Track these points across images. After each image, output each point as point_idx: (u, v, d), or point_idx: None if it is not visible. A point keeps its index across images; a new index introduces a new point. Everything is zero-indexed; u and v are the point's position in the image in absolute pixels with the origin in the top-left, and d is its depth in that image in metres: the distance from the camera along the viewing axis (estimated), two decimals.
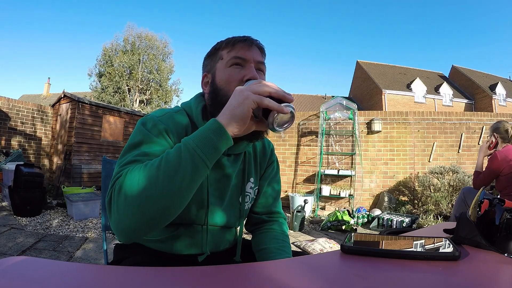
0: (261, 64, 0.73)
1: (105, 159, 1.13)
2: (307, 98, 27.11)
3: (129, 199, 0.52)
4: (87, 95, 15.49)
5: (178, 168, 0.52)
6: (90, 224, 3.49)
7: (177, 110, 0.74)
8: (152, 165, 0.54)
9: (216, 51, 0.74)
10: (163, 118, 0.69)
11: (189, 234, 0.74)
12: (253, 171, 0.83)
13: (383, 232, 0.66)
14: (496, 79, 25.25)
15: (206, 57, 0.78)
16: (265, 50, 0.76)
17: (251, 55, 0.71)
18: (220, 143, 0.54)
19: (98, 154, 6.19)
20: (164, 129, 0.66)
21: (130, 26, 21.56)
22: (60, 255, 2.43)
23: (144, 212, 0.52)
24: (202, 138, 0.53)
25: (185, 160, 0.52)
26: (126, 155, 0.62)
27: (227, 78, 0.70)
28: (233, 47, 0.71)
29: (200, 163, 0.53)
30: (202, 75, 0.78)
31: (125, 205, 0.53)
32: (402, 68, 26.94)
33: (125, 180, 0.54)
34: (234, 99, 0.55)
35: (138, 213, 0.52)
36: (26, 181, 3.61)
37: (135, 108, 17.03)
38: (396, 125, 5.08)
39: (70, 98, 6.08)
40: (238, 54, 0.70)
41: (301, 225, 3.73)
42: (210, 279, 0.38)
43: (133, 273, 0.39)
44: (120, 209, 0.53)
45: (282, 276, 0.41)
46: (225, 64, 0.71)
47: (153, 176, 0.52)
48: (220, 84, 0.71)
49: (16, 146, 5.74)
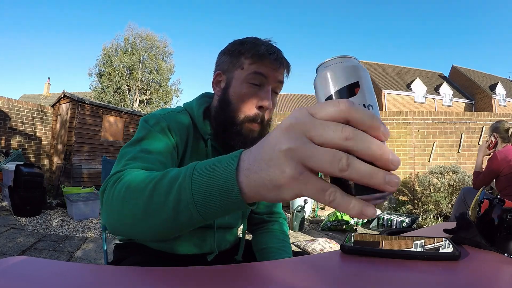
0: (280, 84, 0.70)
1: (105, 159, 1.13)
2: (307, 98, 27.10)
3: (114, 201, 0.46)
4: (87, 95, 15.48)
5: (164, 204, 0.38)
6: (90, 224, 3.49)
7: (180, 110, 0.74)
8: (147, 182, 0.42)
9: (239, 55, 0.69)
10: (166, 116, 0.68)
11: (191, 234, 0.74)
12: None
13: (383, 232, 0.66)
14: (496, 79, 25.25)
15: (224, 53, 0.73)
16: (291, 68, 0.71)
17: (275, 75, 0.68)
18: (227, 207, 0.34)
19: (98, 154, 6.19)
20: (166, 127, 0.66)
21: (130, 26, 21.66)
22: (60, 255, 2.43)
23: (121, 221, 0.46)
24: (207, 184, 0.34)
25: (174, 201, 0.37)
26: (129, 149, 0.60)
27: (241, 94, 0.67)
28: (258, 61, 0.66)
29: (186, 214, 0.36)
30: (214, 72, 0.74)
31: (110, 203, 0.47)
32: (402, 68, 26.95)
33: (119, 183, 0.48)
34: (269, 148, 0.28)
35: (117, 218, 0.46)
36: (26, 181, 3.61)
37: (135, 108, 17.02)
38: (396, 125, 5.08)
39: (70, 98, 6.08)
40: (261, 70, 0.66)
41: (301, 225, 3.73)
42: (210, 278, 0.38)
43: (133, 273, 0.39)
44: (107, 205, 0.48)
45: (282, 276, 0.41)
46: (244, 77, 0.67)
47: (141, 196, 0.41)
48: (233, 97, 0.68)
49: (16, 146, 5.74)
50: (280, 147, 0.26)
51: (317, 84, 0.32)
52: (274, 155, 0.27)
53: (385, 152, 0.24)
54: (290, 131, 0.26)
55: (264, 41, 0.70)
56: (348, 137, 0.24)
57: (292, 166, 0.26)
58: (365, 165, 0.24)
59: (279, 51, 0.69)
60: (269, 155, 0.27)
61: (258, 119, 0.69)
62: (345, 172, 0.24)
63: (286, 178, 0.26)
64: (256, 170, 0.29)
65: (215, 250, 0.74)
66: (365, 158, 0.24)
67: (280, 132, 0.27)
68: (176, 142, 0.67)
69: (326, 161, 0.24)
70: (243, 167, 0.30)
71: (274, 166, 0.27)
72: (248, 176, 0.30)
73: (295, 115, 0.27)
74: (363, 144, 0.24)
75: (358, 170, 0.24)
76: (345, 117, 0.25)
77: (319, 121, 0.25)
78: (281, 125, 0.27)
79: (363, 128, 0.25)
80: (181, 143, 0.68)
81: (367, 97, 0.29)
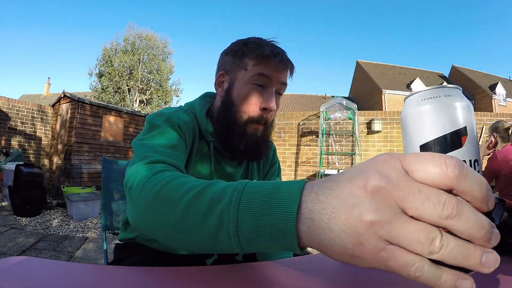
0: (284, 85, 0.70)
1: (105, 159, 1.13)
2: (307, 98, 27.12)
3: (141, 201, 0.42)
4: (87, 95, 15.51)
5: (200, 227, 0.33)
6: (90, 224, 3.49)
7: (184, 110, 0.73)
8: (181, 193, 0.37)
9: (243, 56, 0.67)
10: (174, 114, 0.68)
11: None
12: (256, 173, 0.83)
13: None
14: (496, 79, 25.26)
15: (226, 53, 0.71)
16: (294, 69, 0.70)
17: (279, 77, 0.67)
18: (275, 248, 0.29)
19: (98, 154, 6.19)
20: (177, 124, 0.65)
21: (130, 26, 21.67)
22: (60, 255, 2.43)
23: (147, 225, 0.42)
24: (257, 225, 0.28)
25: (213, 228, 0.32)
26: (146, 142, 0.57)
27: (244, 96, 0.67)
28: (262, 62, 0.65)
29: (225, 243, 0.31)
30: (217, 72, 0.73)
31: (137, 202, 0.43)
32: (402, 68, 26.96)
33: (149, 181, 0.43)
34: (346, 209, 0.22)
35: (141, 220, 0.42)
36: (26, 181, 3.61)
37: (135, 108, 17.02)
38: (396, 125, 5.08)
39: (70, 98, 6.08)
40: (265, 71, 0.65)
41: None
42: (210, 278, 0.38)
43: (133, 273, 0.39)
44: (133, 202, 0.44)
45: (282, 276, 0.41)
46: (248, 78, 0.66)
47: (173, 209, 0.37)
48: (236, 98, 0.68)
49: (16, 146, 5.74)
50: (363, 217, 0.21)
51: (409, 120, 0.25)
52: (352, 223, 0.21)
53: (486, 229, 0.20)
54: (379, 197, 0.21)
55: (268, 41, 0.69)
56: (450, 215, 0.20)
57: (374, 242, 0.21)
58: (460, 244, 0.20)
59: (283, 52, 0.68)
60: (346, 219, 0.21)
61: (262, 121, 0.68)
62: (435, 254, 0.20)
63: (363, 252, 0.21)
64: (323, 227, 0.23)
65: (215, 254, 0.74)
66: (463, 237, 0.20)
67: (364, 194, 0.21)
68: (186, 140, 0.66)
69: (417, 241, 0.20)
70: (305, 214, 0.24)
71: (351, 235, 0.21)
72: (310, 228, 0.24)
73: (386, 172, 0.21)
74: (466, 225, 0.20)
75: (451, 251, 0.20)
76: (451, 186, 0.20)
77: (417, 187, 0.20)
78: (368, 182, 0.21)
79: (468, 198, 0.21)
80: (189, 142, 0.68)
81: (474, 149, 0.23)
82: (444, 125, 0.22)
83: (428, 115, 0.23)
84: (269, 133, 0.73)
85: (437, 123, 0.23)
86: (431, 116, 0.23)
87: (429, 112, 0.23)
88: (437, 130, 0.23)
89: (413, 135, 0.24)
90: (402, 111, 0.25)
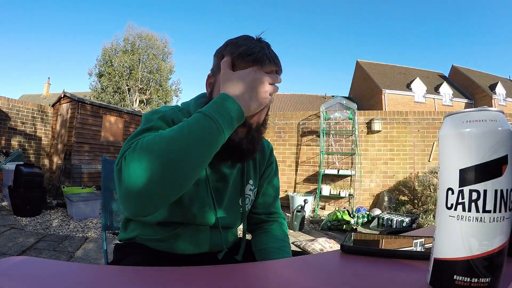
0: None
1: (105, 159, 1.13)
2: (307, 98, 27.11)
3: (150, 156, 0.50)
4: (87, 95, 15.48)
5: (201, 131, 0.53)
6: (90, 224, 3.49)
7: (180, 109, 0.74)
8: (172, 129, 0.53)
9: (222, 57, 0.65)
10: (170, 112, 0.69)
11: (191, 233, 0.74)
12: (252, 173, 0.83)
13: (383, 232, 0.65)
14: (496, 79, 25.25)
15: (214, 54, 0.71)
16: (280, 65, 0.66)
17: None
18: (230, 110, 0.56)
19: (98, 154, 6.19)
20: (171, 121, 0.66)
21: (130, 26, 21.64)
22: (60, 255, 2.43)
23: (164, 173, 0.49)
24: (214, 104, 0.57)
25: (202, 123, 0.54)
26: (135, 136, 0.59)
27: None
28: (237, 63, 0.63)
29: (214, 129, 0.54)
30: (209, 73, 0.73)
31: (144, 162, 0.49)
32: (402, 68, 26.94)
33: (144, 140, 0.52)
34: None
35: (156, 174, 0.49)
36: (26, 181, 3.61)
37: (135, 108, 17.01)
38: (396, 125, 5.08)
39: (70, 98, 6.08)
40: None
41: (301, 225, 3.74)
42: (210, 278, 0.38)
43: (133, 273, 0.40)
44: (136, 169, 0.49)
45: (282, 275, 0.41)
46: None
47: (175, 135, 0.52)
48: None
49: (16, 146, 5.74)
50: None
51: (450, 140, 0.24)
52: None
53: None
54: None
55: (248, 40, 0.66)
56: None
57: None
58: None
59: (260, 50, 0.63)
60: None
61: None
62: None
63: None
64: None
65: (224, 248, 0.75)
66: None
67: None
68: None
69: None
70: None
71: None
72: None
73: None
74: None
75: None
76: None
77: None
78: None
79: None
80: None
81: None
82: (486, 152, 0.22)
83: (472, 139, 0.23)
84: (256, 135, 0.69)
85: (480, 148, 0.22)
86: (474, 140, 0.23)
87: (473, 136, 0.23)
88: (479, 155, 0.22)
89: (453, 158, 0.24)
90: (442, 129, 0.25)
